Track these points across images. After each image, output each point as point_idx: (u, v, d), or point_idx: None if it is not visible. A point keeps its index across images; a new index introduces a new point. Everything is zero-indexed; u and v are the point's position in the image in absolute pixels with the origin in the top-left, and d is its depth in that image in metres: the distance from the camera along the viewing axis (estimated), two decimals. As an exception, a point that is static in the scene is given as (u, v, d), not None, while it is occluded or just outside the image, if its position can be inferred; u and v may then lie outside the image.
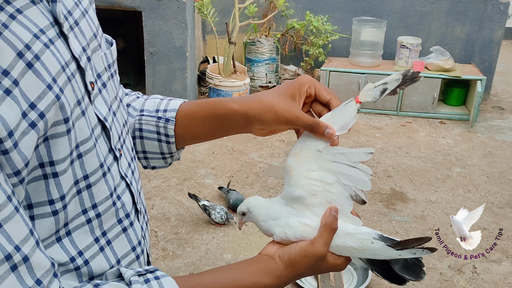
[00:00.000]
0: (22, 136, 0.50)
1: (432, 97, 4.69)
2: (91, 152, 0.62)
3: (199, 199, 3.05)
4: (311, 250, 0.73)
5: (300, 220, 0.76)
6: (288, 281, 0.75)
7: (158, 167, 0.93)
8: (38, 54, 0.53)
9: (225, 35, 4.73)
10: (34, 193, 0.56)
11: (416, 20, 5.08)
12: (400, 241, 0.71)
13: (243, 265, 0.75)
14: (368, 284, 2.50)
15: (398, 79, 0.76)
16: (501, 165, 3.90)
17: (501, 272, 2.69)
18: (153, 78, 4.46)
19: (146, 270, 0.66)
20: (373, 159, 3.92)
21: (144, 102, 0.89)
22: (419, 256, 0.72)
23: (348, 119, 0.76)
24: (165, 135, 0.86)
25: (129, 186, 0.73)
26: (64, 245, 0.61)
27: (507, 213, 3.24)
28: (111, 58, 0.73)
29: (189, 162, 3.76)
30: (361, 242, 0.73)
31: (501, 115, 4.92)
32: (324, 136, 0.75)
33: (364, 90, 0.77)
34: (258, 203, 0.80)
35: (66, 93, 0.57)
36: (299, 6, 5.13)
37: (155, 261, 2.68)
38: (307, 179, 0.76)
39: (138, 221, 0.75)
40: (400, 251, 0.71)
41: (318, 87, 0.78)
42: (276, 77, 5.17)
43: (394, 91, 0.76)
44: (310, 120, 0.75)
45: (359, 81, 4.71)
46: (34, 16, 0.55)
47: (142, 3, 4.21)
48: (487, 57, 5.09)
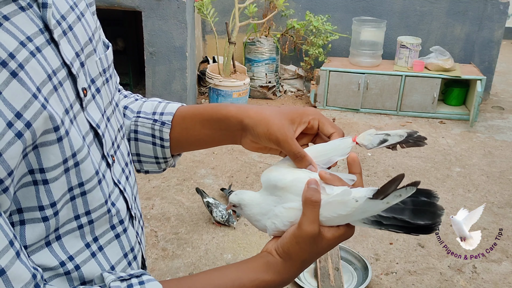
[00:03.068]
0: (7, 146, 0.50)
1: (432, 97, 4.69)
2: (87, 160, 0.61)
3: (205, 195, 3.05)
4: (299, 233, 0.67)
5: (284, 206, 0.72)
6: (291, 275, 0.71)
7: (151, 172, 0.90)
8: (22, 63, 0.52)
9: (225, 35, 4.73)
10: (24, 198, 0.55)
11: (416, 20, 5.08)
12: (378, 190, 0.64)
13: (240, 264, 0.71)
14: (368, 284, 2.50)
15: (402, 136, 0.74)
16: (501, 165, 3.90)
17: (501, 272, 2.69)
18: (153, 78, 4.46)
19: (130, 275, 0.64)
20: (373, 159, 3.92)
21: (142, 105, 0.87)
22: (406, 195, 0.63)
23: (338, 154, 0.74)
24: (160, 138, 0.84)
25: (123, 192, 0.72)
26: (54, 249, 0.60)
27: (507, 213, 3.24)
28: (107, 62, 0.71)
29: (189, 162, 3.76)
30: (345, 206, 0.66)
31: (501, 115, 4.92)
32: (306, 169, 0.73)
33: (365, 133, 0.75)
34: (252, 201, 0.76)
35: (52, 102, 0.56)
36: (299, 6, 5.13)
37: (155, 261, 2.69)
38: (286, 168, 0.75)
39: (133, 227, 0.74)
40: (385, 198, 0.63)
41: (322, 120, 0.77)
42: (276, 77, 5.17)
43: (393, 146, 0.74)
44: (296, 149, 0.73)
45: (359, 81, 4.71)
46: (22, 23, 0.54)
47: (142, 3, 4.21)
48: (487, 57, 5.09)
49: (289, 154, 0.74)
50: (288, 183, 0.72)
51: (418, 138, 0.74)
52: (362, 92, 4.77)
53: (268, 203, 0.74)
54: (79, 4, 0.66)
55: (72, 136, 0.58)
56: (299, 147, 0.73)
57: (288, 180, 0.72)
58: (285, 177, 0.73)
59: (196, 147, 0.88)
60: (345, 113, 4.84)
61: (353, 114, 4.82)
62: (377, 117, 4.77)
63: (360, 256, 2.68)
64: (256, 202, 0.76)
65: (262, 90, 5.09)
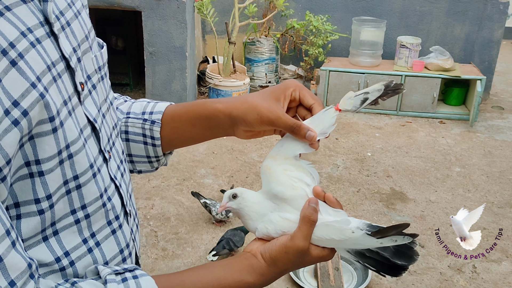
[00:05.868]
0: (4, 133, 0.50)
1: (431, 97, 4.69)
2: (81, 153, 0.62)
3: (201, 197, 3.06)
4: (291, 245, 0.71)
5: (281, 215, 0.74)
6: (272, 278, 0.74)
7: (144, 171, 0.91)
8: (22, 52, 0.53)
9: (224, 35, 4.73)
10: (21, 192, 0.56)
11: (416, 20, 5.08)
12: (379, 229, 0.69)
13: (226, 263, 0.74)
14: (368, 284, 2.50)
15: (380, 90, 0.76)
16: (501, 165, 3.90)
17: (501, 271, 2.69)
18: (153, 78, 4.46)
19: (124, 269, 0.65)
20: (373, 159, 3.92)
21: (131, 105, 0.88)
22: (400, 243, 0.70)
23: (327, 126, 0.76)
24: (151, 137, 0.85)
25: (119, 188, 0.73)
26: (51, 245, 0.61)
27: (507, 213, 3.24)
28: (102, 60, 0.73)
29: (188, 162, 3.76)
30: (341, 233, 0.71)
31: (500, 115, 4.92)
32: (305, 138, 0.75)
33: (344, 98, 0.77)
34: (252, 197, 0.78)
35: (51, 92, 0.57)
36: (299, 6, 5.13)
37: (155, 261, 2.68)
38: (285, 176, 0.75)
39: (128, 224, 0.75)
40: (380, 239, 0.69)
41: (303, 92, 0.79)
42: (275, 77, 5.17)
43: (375, 101, 0.76)
44: (292, 121, 0.75)
45: (359, 81, 4.71)
46: (23, 15, 0.55)
47: (141, 3, 4.21)
48: (487, 56, 5.09)
49: (285, 129, 0.76)
50: (288, 197, 0.75)
51: (396, 86, 0.76)
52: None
53: (266, 206, 0.76)
54: (75, 3, 0.68)
55: (66, 128, 0.59)
56: (293, 119, 0.76)
57: (288, 194, 0.75)
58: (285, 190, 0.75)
59: (188, 144, 0.90)
60: (344, 113, 4.82)
61: (353, 114, 4.82)
62: (377, 117, 4.77)
63: (360, 256, 2.68)
64: (256, 200, 0.77)
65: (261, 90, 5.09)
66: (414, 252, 0.72)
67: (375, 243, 0.70)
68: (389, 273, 0.74)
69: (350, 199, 3.33)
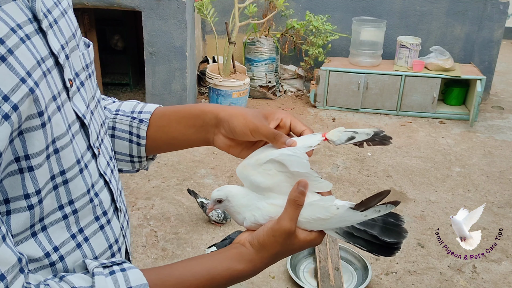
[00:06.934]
0: None
1: (431, 97, 4.70)
2: (68, 148, 0.63)
3: (198, 196, 3.06)
4: (277, 228, 0.72)
5: (268, 201, 0.76)
6: (263, 264, 0.74)
7: (125, 171, 0.92)
8: (12, 48, 0.54)
9: (224, 35, 4.73)
10: (11, 188, 0.57)
11: (416, 20, 5.08)
12: (362, 201, 0.70)
13: (215, 254, 0.75)
14: (368, 284, 2.50)
15: (369, 134, 0.78)
16: (501, 165, 3.90)
17: (501, 271, 2.69)
18: (153, 78, 4.46)
19: (112, 262, 0.66)
20: (373, 159, 3.92)
21: (121, 104, 0.90)
22: (384, 212, 0.71)
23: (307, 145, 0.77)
24: (137, 135, 0.86)
25: (108, 184, 0.73)
26: (39, 240, 0.62)
27: (507, 213, 3.25)
28: (89, 58, 0.74)
29: (188, 162, 3.76)
30: (326, 211, 0.72)
31: (500, 115, 4.92)
32: (285, 144, 0.76)
33: (334, 130, 0.79)
34: (239, 193, 0.78)
35: (41, 87, 0.58)
36: (299, 6, 5.13)
37: (155, 261, 2.69)
38: (260, 166, 0.77)
39: (118, 220, 0.76)
40: (365, 211, 0.71)
41: (294, 119, 0.81)
42: (275, 77, 5.17)
43: (360, 143, 0.77)
44: (274, 130, 0.77)
45: (359, 81, 4.71)
46: (12, 11, 0.56)
47: (141, 3, 4.21)
48: (487, 56, 5.09)
49: (267, 137, 0.77)
50: (271, 184, 0.76)
51: (384, 137, 0.78)
52: (362, 92, 4.77)
53: (252, 197, 0.77)
54: (62, 2, 0.69)
55: (54, 123, 0.60)
56: (275, 130, 0.77)
57: (270, 182, 0.76)
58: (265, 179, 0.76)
59: (170, 146, 0.90)
60: (345, 113, 4.84)
61: (353, 114, 4.83)
62: (377, 117, 4.77)
63: (360, 256, 2.68)
64: (242, 194, 0.78)
65: (262, 90, 5.09)
66: (402, 229, 0.73)
67: (359, 217, 0.72)
68: (382, 253, 0.74)
69: (350, 199, 3.32)
